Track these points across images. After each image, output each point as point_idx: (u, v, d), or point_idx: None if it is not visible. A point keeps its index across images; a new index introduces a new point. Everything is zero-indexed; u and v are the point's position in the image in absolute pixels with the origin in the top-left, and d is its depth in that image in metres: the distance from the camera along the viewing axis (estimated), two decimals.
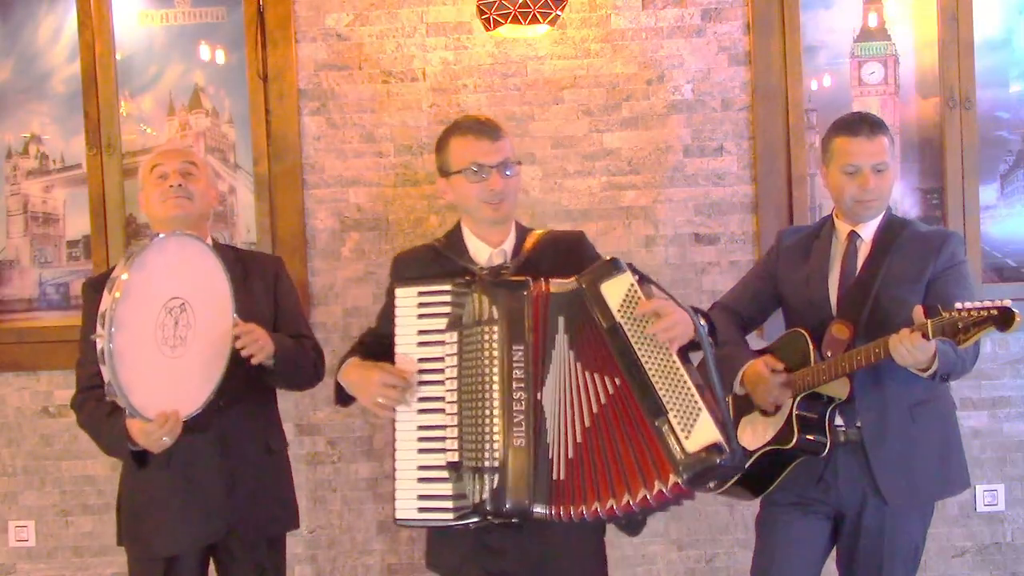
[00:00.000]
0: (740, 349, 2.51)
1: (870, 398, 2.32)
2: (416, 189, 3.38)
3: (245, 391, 2.32)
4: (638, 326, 1.90)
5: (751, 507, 2.59)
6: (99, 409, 2.26)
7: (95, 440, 2.37)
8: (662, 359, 1.88)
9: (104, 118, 3.40)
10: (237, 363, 2.25)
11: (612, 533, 2.09)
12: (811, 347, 2.35)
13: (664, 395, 1.86)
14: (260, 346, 2.25)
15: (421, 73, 3.38)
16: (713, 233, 3.37)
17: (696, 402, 1.84)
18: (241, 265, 2.45)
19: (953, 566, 3.40)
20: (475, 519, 1.94)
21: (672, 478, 1.83)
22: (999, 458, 3.39)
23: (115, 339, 1.93)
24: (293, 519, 2.55)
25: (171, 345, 2.09)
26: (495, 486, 1.90)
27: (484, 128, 2.12)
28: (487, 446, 1.91)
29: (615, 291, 1.94)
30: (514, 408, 1.92)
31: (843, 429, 2.35)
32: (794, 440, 2.31)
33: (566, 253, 2.15)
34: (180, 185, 2.35)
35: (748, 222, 3.36)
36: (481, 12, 3.16)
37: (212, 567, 2.51)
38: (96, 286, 2.35)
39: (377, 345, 2.14)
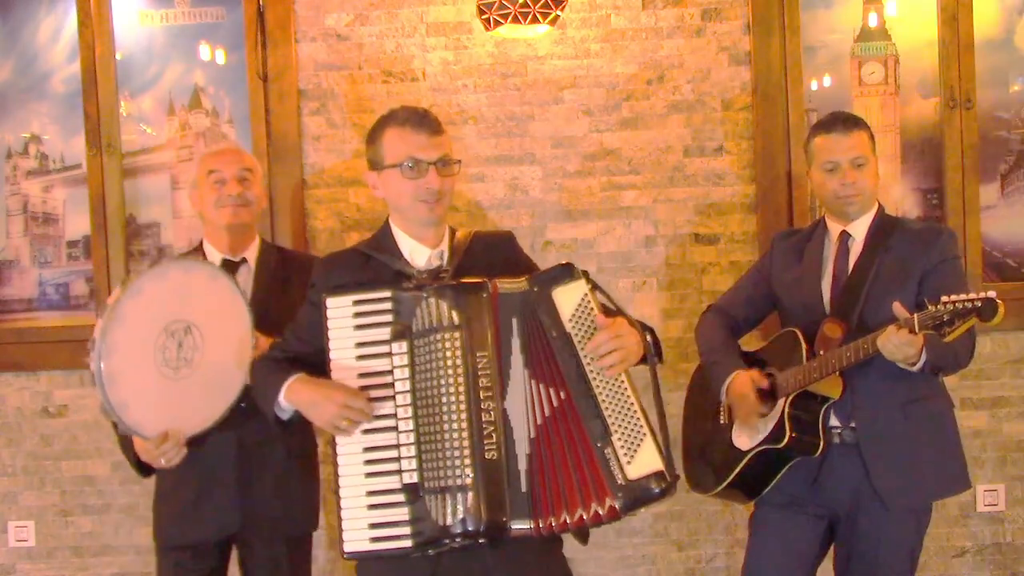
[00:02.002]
0: (728, 356, 2.51)
1: (863, 397, 2.32)
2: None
3: None
4: (588, 338, 1.81)
5: (750, 507, 2.59)
6: None
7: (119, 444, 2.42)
8: (609, 378, 1.81)
9: (104, 118, 3.40)
10: None
11: (613, 534, 2.09)
12: (803, 347, 2.36)
13: (610, 416, 1.78)
14: None
15: (421, 73, 3.38)
16: (713, 233, 3.37)
17: (641, 427, 1.78)
18: (284, 266, 2.50)
19: (953, 566, 3.40)
20: (440, 546, 1.79)
21: (608, 501, 1.76)
22: (999, 458, 3.39)
23: (104, 361, 1.98)
24: (312, 520, 2.59)
25: (173, 367, 2.12)
26: (468, 504, 1.76)
27: (423, 121, 1.96)
28: (455, 463, 1.77)
29: (568, 299, 1.84)
30: (483, 419, 1.79)
31: (838, 430, 2.35)
32: (786, 439, 2.31)
33: (499, 255, 2.05)
34: (239, 194, 2.40)
35: (748, 222, 3.36)
36: (481, 12, 3.16)
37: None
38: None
39: (301, 363, 1.96)
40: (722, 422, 2.55)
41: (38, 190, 3.50)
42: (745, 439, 2.43)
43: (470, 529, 1.76)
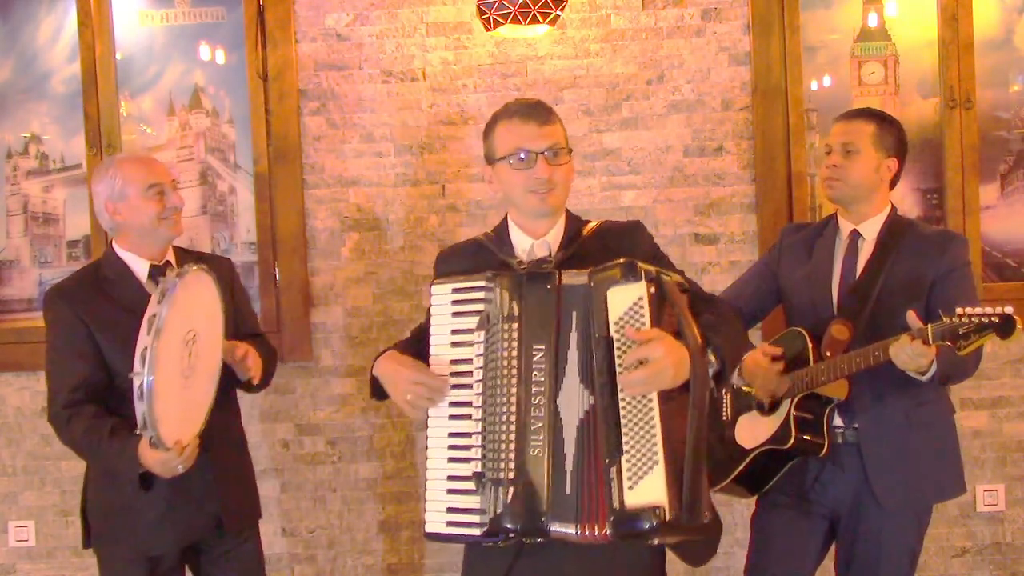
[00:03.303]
0: None
1: (868, 399, 2.31)
2: (416, 189, 3.38)
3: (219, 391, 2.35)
4: (628, 347, 1.71)
5: (750, 507, 2.59)
6: (97, 427, 2.24)
7: (90, 457, 2.35)
8: (640, 394, 1.70)
9: (104, 118, 3.40)
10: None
11: None
12: (810, 347, 2.35)
13: (626, 434, 1.68)
14: (257, 365, 2.34)
15: (421, 73, 3.38)
16: (713, 233, 3.37)
17: (656, 454, 1.65)
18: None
19: (953, 566, 3.40)
20: (500, 538, 1.76)
21: (602, 524, 1.69)
22: (999, 458, 3.39)
23: (155, 375, 1.96)
24: (259, 509, 2.59)
25: (186, 375, 2.12)
26: (509, 499, 1.74)
27: (532, 111, 1.94)
28: (502, 455, 1.76)
29: (620, 300, 1.74)
30: (532, 414, 1.76)
31: (841, 430, 2.35)
32: (791, 440, 2.31)
33: (617, 245, 1.93)
34: (180, 206, 2.39)
35: (748, 222, 3.36)
36: (481, 12, 3.16)
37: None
38: (64, 295, 2.33)
39: (420, 342, 1.99)
40: (724, 418, 2.55)
41: (38, 190, 3.50)
42: (748, 436, 2.43)
43: (514, 524, 1.74)
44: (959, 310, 2.00)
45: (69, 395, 2.27)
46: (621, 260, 1.77)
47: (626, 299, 1.74)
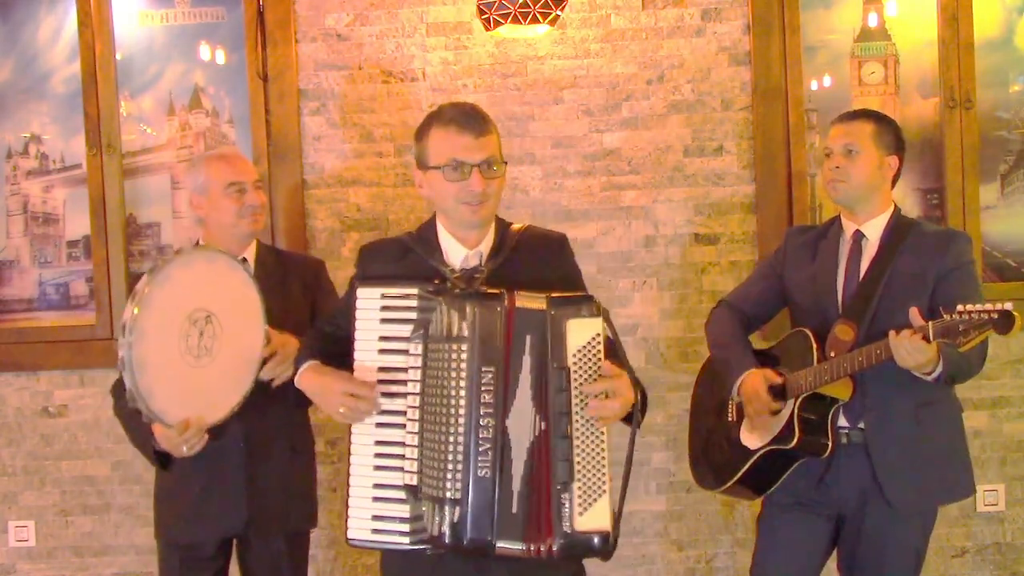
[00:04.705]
0: (741, 353, 2.50)
1: (873, 400, 2.31)
2: (416, 189, 3.37)
3: (273, 393, 2.34)
4: (585, 379, 1.78)
5: (751, 507, 2.60)
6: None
7: (126, 432, 2.42)
8: (592, 425, 1.78)
9: (104, 118, 3.40)
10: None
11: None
12: (815, 348, 2.35)
13: (578, 463, 1.76)
14: (285, 368, 2.30)
15: (421, 73, 3.38)
16: (713, 233, 3.37)
17: (603, 484, 1.76)
18: (282, 267, 2.53)
19: (953, 566, 3.40)
20: (431, 548, 1.80)
21: (548, 542, 1.75)
22: (999, 458, 3.39)
23: (134, 348, 1.98)
24: (312, 517, 2.61)
25: (195, 355, 2.12)
26: (455, 520, 1.75)
27: (468, 120, 1.89)
28: (449, 476, 1.75)
29: (579, 333, 1.78)
30: (480, 436, 1.75)
31: (846, 431, 2.34)
32: (795, 441, 2.31)
33: (545, 259, 2.00)
34: (262, 204, 2.47)
35: (748, 222, 3.36)
36: (481, 12, 3.16)
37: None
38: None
39: (334, 345, 1.98)
40: (730, 419, 2.55)
41: (38, 190, 3.50)
42: (753, 438, 2.43)
43: (458, 543, 1.76)
44: (960, 307, 2.01)
45: None
46: (580, 293, 1.85)
47: (585, 333, 1.78)
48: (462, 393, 1.76)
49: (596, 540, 1.75)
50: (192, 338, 2.11)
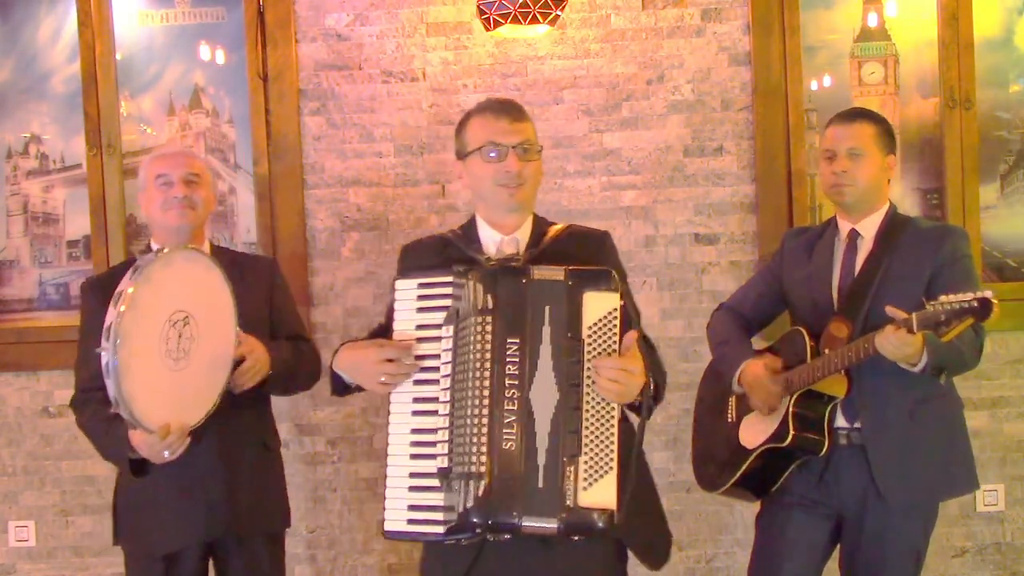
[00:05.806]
0: (740, 348, 2.51)
1: (869, 396, 2.31)
2: (416, 189, 3.38)
3: (243, 393, 2.33)
4: (599, 352, 1.77)
5: (751, 507, 2.60)
6: (99, 413, 2.25)
7: (94, 444, 2.38)
8: (602, 400, 1.77)
9: (104, 118, 3.40)
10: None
11: None
12: (809, 345, 2.35)
13: (587, 437, 1.74)
14: (255, 372, 2.29)
15: (421, 73, 3.38)
16: (713, 233, 3.37)
17: (611, 460, 1.73)
18: (238, 268, 2.46)
19: (953, 566, 3.40)
20: (466, 535, 1.76)
21: (551, 519, 1.71)
22: (999, 458, 3.39)
23: (119, 352, 1.94)
24: (287, 517, 2.58)
25: (174, 358, 2.10)
26: (480, 493, 1.72)
27: (504, 107, 1.98)
28: (474, 448, 1.74)
29: (596, 306, 1.78)
30: (505, 407, 1.75)
31: (846, 431, 2.34)
32: (789, 437, 2.31)
33: (586, 252, 1.98)
34: (185, 196, 2.38)
35: (748, 222, 3.36)
36: (481, 12, 3.16)
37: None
38: (95, 287, 2.39)
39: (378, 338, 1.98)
40: (729, 420, 2.55)
41: (38, 190, 3.50)
42: (751, 437, 2.43)
43: (484, 518, 1.73)
44: (941, 297, 2.01)
45: (88, 382, 2.33)
46: (599, 268, 1.83)
47: (601, 306, 1.78)
48: (487, 364, 1.77)
49: (599, 517, 1.70)
50: (171, 340, 2.09)
